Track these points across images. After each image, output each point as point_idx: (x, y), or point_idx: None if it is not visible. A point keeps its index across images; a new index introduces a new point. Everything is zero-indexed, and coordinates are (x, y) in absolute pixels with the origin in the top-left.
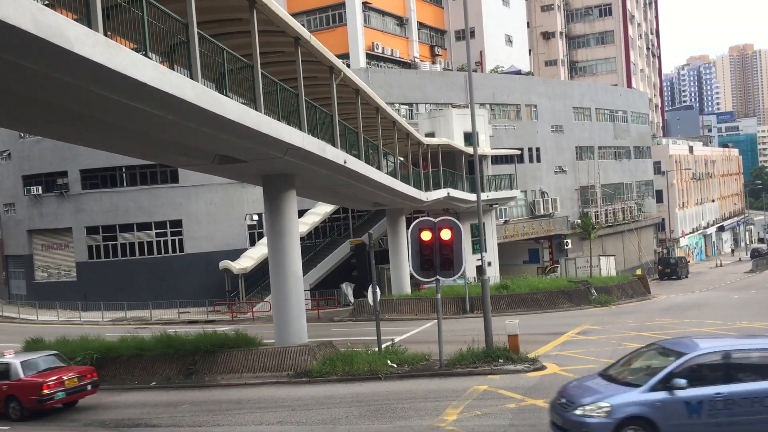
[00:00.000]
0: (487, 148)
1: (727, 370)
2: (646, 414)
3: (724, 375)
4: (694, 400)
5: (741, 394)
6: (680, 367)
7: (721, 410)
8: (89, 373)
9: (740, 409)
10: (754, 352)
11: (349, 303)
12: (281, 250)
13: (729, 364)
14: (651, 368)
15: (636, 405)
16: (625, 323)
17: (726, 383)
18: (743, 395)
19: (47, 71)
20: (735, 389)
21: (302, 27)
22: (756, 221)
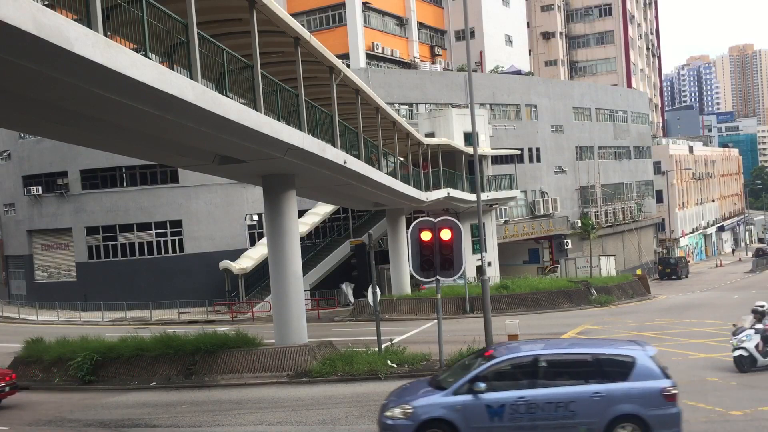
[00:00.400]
0: (487, 148)
1: (533, 374)
2: (448, 417)
3: (529, 379)
4: (496, 404)
5: (545, 398)
6: (485, 371)
7: (523, 414)
8: (7, 375)
9: (543, 413)
10: (561, 357)
11: (349, 303)
12: (281, 250)
13: (535, 369)
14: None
15: (438, 408)
16: (626, 323)
17: (531, 388)
18: (547, 399)
19: (47, 71)
20: (539, 393)
21: (302, 27)
22: (756, 221)
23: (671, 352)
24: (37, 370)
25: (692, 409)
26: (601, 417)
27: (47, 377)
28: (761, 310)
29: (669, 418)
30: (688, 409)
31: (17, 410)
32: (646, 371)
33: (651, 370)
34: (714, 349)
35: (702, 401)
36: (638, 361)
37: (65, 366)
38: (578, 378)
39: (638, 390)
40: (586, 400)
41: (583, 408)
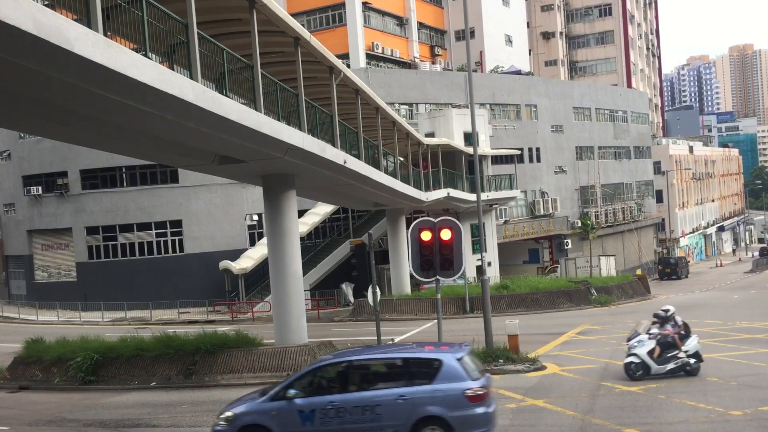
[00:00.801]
0: (487, 148)
1: (344, 380)
2: (263, 422)
3: (340, 384)
4: (307, 409)
5: (353, 402)
6: (299, 377)
7: (332, 418)
8: None
9: (351, 417)
10: (371, 363)
11: (349, 303)
12: (281, 250)
13: (345, 375)
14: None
15: (254, 414)
16: (625, 323)
17: (341, 392)
18: (355, 404)
19: (47, 71)
20: (347, 398)
21: (302, 27)
22: (756, 221)
23: None
24: (37, 370)
25: (692, 409)
26: (406, 419)
27: (47, 377)
28: (663, 315)
29: (473, 419)
30: (688, 409)
31: (17, 410)
32: (451, 373)
33: (456, 373)
34: (714, 349)
35: (702, 401)
36: (445, 363)
37: (65, 366)
38: (387, 382)
39: (442, 392)
40: (391, 403)
41: (389, 411)
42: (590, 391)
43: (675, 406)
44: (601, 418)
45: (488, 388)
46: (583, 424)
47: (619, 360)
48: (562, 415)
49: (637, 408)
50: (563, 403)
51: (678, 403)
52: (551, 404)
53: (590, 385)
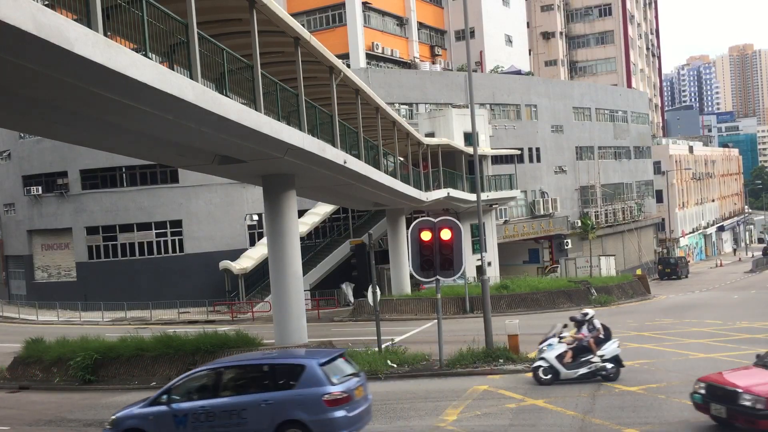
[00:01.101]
0: (487, 148)
1: (215, 385)
2: (142, 426)
3: (211, 390)
4: (181, 413)
5: (221, 406)
6: (176, 384)
7: (203, 422)
8: None
9: (219, 421)
10: (240, 368)
11: (349, 303)
12: (281, 250)
13: (216, 381)
14: None
15: (135, 418)
16: (626, 323)
17: (212, 398)
18: (223, 408)
19: (47, 71)
20: (217, 403)
21: (302, 27)
22: (756, 221)
23: (671, 352)
24: (37, 370)
25: (693, 409)
26: (269, 423)
27: (47, 377)
28: (579, 319)
29: (332, 422)
30: (688, 409)
31: (17, 410)
32: (312, 379)
33: (317, 378)
34: (714, 349)
35: None
36: (307, 369)
37: (65, 366)
38: (254, 387)
39: (302, 397)
40: (256, 407)
41: (254, 415)
42: (590, 391)
43: (675, 406)
44: (601, 418)
45: (351, 393)
46: (583, 424)
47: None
48: (562, 415)
49: (637, 408)
50: (563, 403)
51: (678, 403)
52: (551, 404)
53: (590, 385)
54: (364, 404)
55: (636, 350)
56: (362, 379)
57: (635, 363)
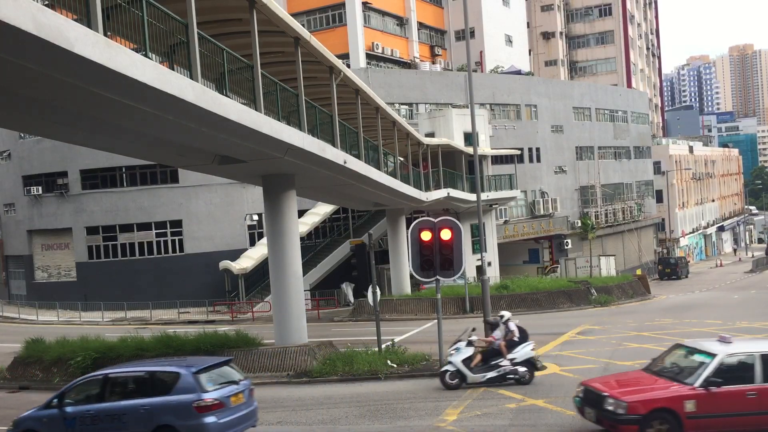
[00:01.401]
0: (487, 148)
1: (102, 390)
2: (37, 428)
3: (98, 395)
4: (70, 416)
5: (105, 411)
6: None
7: (89, 425)
8: None
9: (103, 424)
10: (124, 375)
11: (349, 303)
12: (281, 250)
13: (104, 386)
14: None
15: (32, 420)
16: (626, 323)
17: (98, 402)
18: (107, 412)
19: (47, 71)
20: (102, 407)
21: (302, 27)
22: (756, 221)
23: None
24: (37, 370)
25: None
26: (145, 427)
27: (47, 377)
28: (493, 321)
29: (201, 428)
30: None
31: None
32: (186, 386)
33: (190, 385)
34: None
35: None
36: (181, 377)
37: (65, 366)
38: (135, 393)
39: (175, 403)
40: (135, 412)
41: (133, 419)
42: None
43: None
44: None
45: (224, 400)
46: (583, 424)
47: (620, 360)
48: (562, 415)
49: None
50: (563, 403)
51: None
52: (551, 404)
53: None
54: (241, 410)
55: (636, 350)
56: (242, 386)
57: (635, 363)
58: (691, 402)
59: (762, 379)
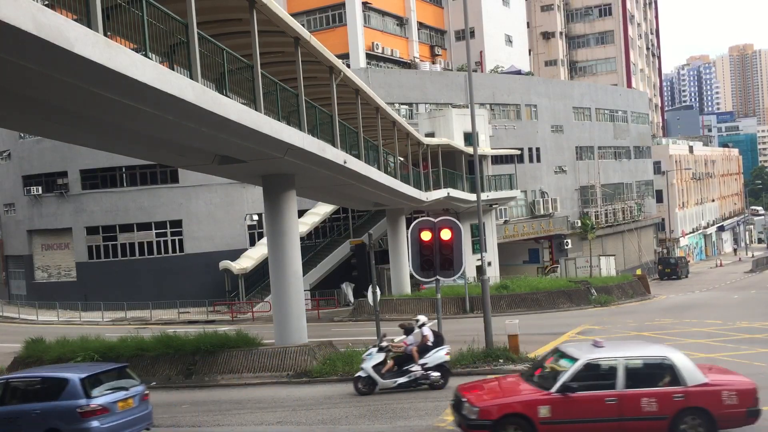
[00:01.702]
0: (487, 148)
1: (3, 394)
2: None
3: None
4: None
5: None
6: None
7: None
8: None
9: (2, 426)
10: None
11: (349, 303)
12: (281, 250)
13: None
14: None
15: None
16: (625, 323)
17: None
18: (5, 415)
19: (47, 71)
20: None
21: (302, 27)
22: (756, 221)
23: None
24: None
25: None
26: (37, 430)
27: None
28: (407, 326)
29: None
30: None
31: None
32: (73, 391)
33: (76, 391)
34: (714, 349)
35: None
36: (70, 382)
37: None
38: (32, 397)
39: (62, 408)
40: (29, 416)
41: (27, 423)
42: None
43: None
44: None
45: (110, 405)
46: None
47: None
48: None
49: None
50: None
51: None
52: None
53: None
54: (129, 415)
55: None
56: (133, 392)
57: None
58: (545, 407)
59: (624, 385)
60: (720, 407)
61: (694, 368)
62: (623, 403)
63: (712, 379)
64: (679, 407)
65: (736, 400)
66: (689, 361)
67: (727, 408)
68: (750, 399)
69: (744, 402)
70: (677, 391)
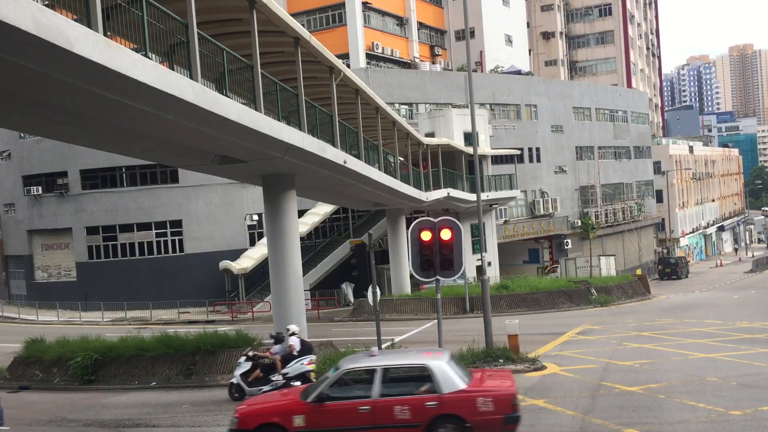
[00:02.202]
0: (487, 148)
1: None
2: None
3: None
4: None
5: None
6: None
7: None
8: None
9: None
10: None
11: (349, 303)
12: (281, 250)
13: None
14: None
15: None
16: (626, 323)
17: None
18: None
19: (47, 71)
20: None
21: (302, 27)
22: (756, 221)
23: (671, 352)
24: (37, 370)
25: (692, 409)
26: None
27: (47, 377)
28: (275, 335)
29: None
30: (688, 409)
31: (17, 410)
32: None
33: None
34: (714, 349)
35: (702, 401)
36: None
37: (65, 366)
38: None
39: None
40: None
41: None
42: (590, 391)
43: (675, 406)
44: (601, 418)
45: None
46: (583, 424)
47: (620, 360)
48: (562, 415)
49: (637, 408)
50: (563, 403)
51: (678, 403)
52: (551, 404)
53: (590, 385)
54: None
55: (636, 350)
56: None
57: (635, 363)
58: (300, 417)
59: (380, 393)
60: (475, 414)
61: (453, 375)
62: (376, 410)
63: (470, 386)
64: (432, 414)
65: (492, 407)
66: (449, 369)
67: (482, 415)
68: (507, 405)
69: (500, 408)
70: (431, 399)
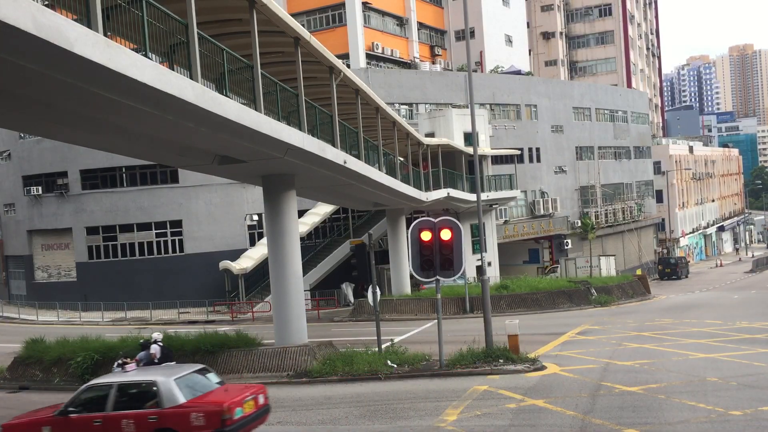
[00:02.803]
0: (487, 148)
1: None
2: None
3: None
4: None
5: None
6: None
7: None
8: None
9: None
10: None
11: (349, 303)
12: (281, 250)
13: None
14: None
15: None
16: (626, 323)
17: None
18: None
19: (47, 71)
20: None
21: (302, 27)
22: (756, 221)
23: (671, 352)
24: (37, 370)
25: (692, 409)
26: None
27: (47, 377)
28: (143, 342)
29: None
30: (688, 409)
31: (17, 410)
32: None
33: None
34: (714, 349)
35: (702, 401)
36: None
37: (65, 366)
38: None
39: None
40: None
41: None
42: (590, 391)
43: (675, 406)
44: (601, 418)
45: None
46: (583, 424)
47: (620, 360)
48: (562, 415)
49: (637, 408)
50: (563, 403)
51: (678, 403)
52: (551, 404)
53: (590, 385)
54: None
55: (636, 350)
56: None
57: (635, 363)
58: (47, 428)
59: (113, 408)
60: (188, 428)
61: (176, 392)
62: (107, 424)
63: (189, 402)
64: (152, 428)
65: (203, 421)
66: (174, 386)
67: (195, 429)
68: (216, 420)
69: (210, 423)
70: (152, 413)
